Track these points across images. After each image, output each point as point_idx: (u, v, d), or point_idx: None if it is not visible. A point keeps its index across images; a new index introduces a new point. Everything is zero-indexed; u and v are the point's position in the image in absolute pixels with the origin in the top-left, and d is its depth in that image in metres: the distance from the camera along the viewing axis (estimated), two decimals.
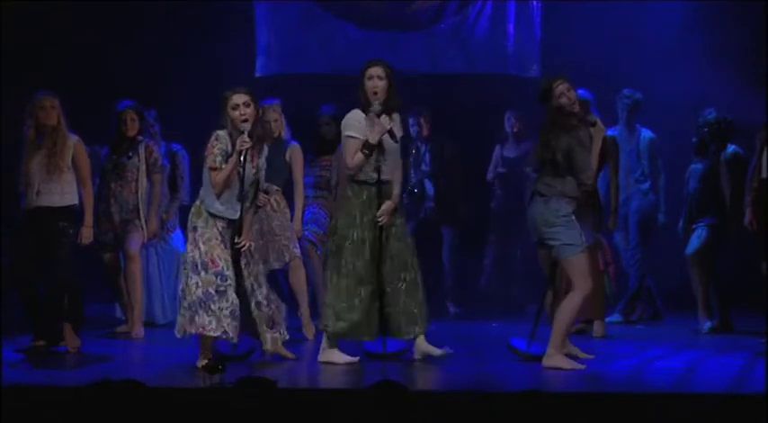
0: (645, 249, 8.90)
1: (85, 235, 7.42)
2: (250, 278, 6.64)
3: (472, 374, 6.45)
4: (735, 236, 8.28)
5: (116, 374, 5.61)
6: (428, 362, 6.80)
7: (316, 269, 8.23)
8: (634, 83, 9.00)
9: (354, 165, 6.72)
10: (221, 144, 6.51)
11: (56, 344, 7.26)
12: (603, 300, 8.06)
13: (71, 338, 7.24)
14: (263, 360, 6.75)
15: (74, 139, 7.34)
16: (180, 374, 6.36)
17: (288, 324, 6.93)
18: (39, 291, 7.28)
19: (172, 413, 5.00)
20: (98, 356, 7.06)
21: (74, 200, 7.33)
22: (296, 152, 8.03)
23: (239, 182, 6.48)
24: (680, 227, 8.65)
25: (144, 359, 7.44)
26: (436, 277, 9.78)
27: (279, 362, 6.78)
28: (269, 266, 7.74)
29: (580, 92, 6.92)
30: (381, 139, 6.68)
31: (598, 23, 9.77)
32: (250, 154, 6.51)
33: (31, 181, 7.24)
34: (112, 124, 8.15)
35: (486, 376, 6.39)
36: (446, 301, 9.76)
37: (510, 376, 6.35)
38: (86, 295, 7.61)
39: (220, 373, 6.16)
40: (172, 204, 8.71)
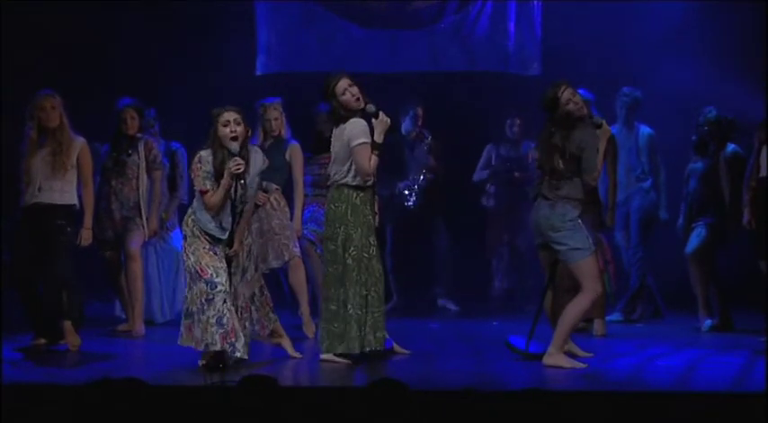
0: (646, 248, 8.89)
1: (85, 237, 7.42)
2: (234, 285, 6.55)
3: (472, 373, 6.45)
4: (734, 235, 8.28)
5: (116, 373, 5.61)
6: (428, 360, 6.80)
7: (315, 268, 8.21)
8: (633, 81, 9.00)
9: (373, 170, 6.71)
10: (205, 167, 6.47)
11: (56, 342, 7.25)
12: (604, 298, 8.02)
13: (71, 337, 7.23)
14: (264, 359, 6.76)
15: (80, 141, 7.34)
16: (181, 373, 6.35)
17: (288, 323, 6.92)
18: (38, 289, 7.26)
19: (173, 412, 4.99)
20: (98, 355, 7.06)
21: (73, 200, 7.32)
22: (296, 151, 8.02)
23: (230, 200, 6.44)
24: (680, 225, 8.65)
25: (144, 357, 7.43)
26: (433, 275, 9.79)
27: (280, 360, 6.79)
28: (268, 265, 7.74)
29: (581, 92, 6.91)
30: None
31: (598, 22, 9.76)
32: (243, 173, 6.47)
33: (33, 178, 7.23)
34: (112, 122, 8.16)
35: (486, 375, 6.38)
36: (445, 300, 9.74)
37: (510, 375, 6.34)
38: (87, 294, 7.61)
39: (221, 372, 6.18)
40: (171, 203, 8.69)
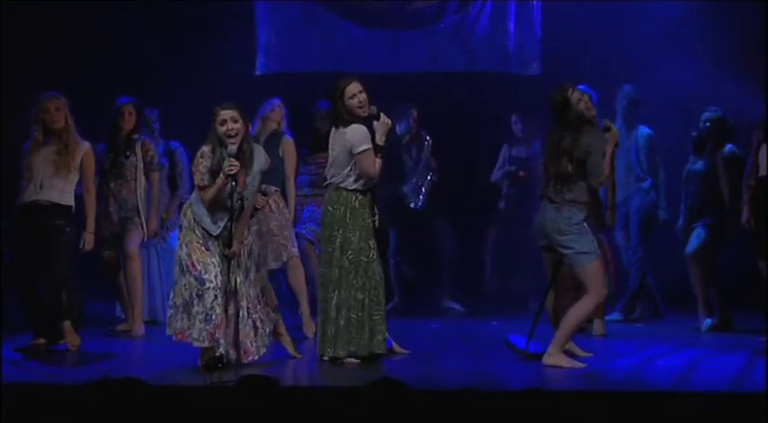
0: (645, 248, 8.88)
1: (88, 241, 7.41)
2: (237, 285, 6.51)
3: (472, 373, 6.45)
4: (734, 235, 8.27)
5: (116, 373, 5.61)
6: (428, 360, 6.80)
7: (314, 268, 8.20)
8: (633, 81, 8.99)
9: (378, 173, 6.72)
10: (205, 162, 6.46)
11: (55, 342, 7.25)
12: (604, 298, 8.03)
13: (71, 337, 7.23)
14: (264, 359, 6.75)
15: (85, 145, 7.35)
16: (180, 373, 6.34)
17: (288, 323, 6.91)
18: (38, 289, 7.26)
19: (172, 412, 4.99)
20: (98, 355, 7.06)
21: (71, 202, 7.31)
22: (288, 146, 7.98)
23: (227, 199, 6.41)
24: (679, 226, 8.65)
25: (144, 357, 7.44)
26: (435, 276, 9.78)
27: (280, 360, 6.78)
28: (267, 267, 7.73)
29: (583, 87, 6.90)
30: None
31: (597, 21, 9.76)
32: (241, 172, 6.44)
33: (34, 175, 7.23)
34: (110, 120, 8.13)
35: (485, 375, 6.38)
36: (446, 300, 9.74)
37: (510, 375, 6.34)
38: (86, 293, 7.61)
39: (220, 372, 6.17)
40: (171, 203, 8.68)
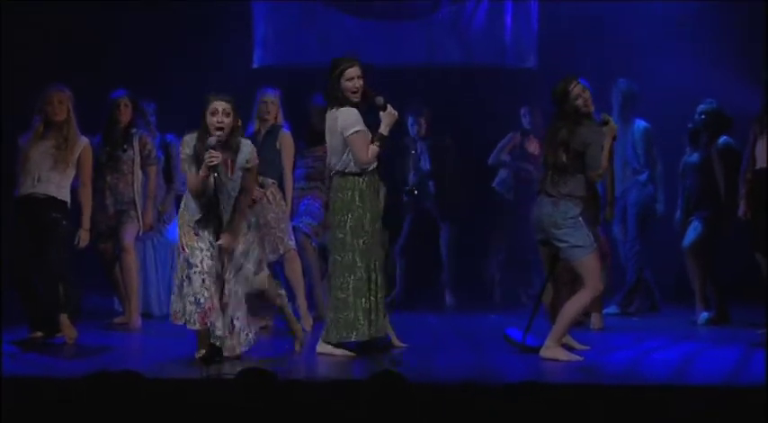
0: (643, 241, 8.88)
1: (83, 237, 7.41)
2: (230, 278, 6.51)
3: (470, 366, 6.45)
4: (730, 227, 8.27)
5: (113, 365, 5.61)
6: (427, 353, 6.81)
7: (311, 261, 8.22)
8: (629, 74, 8.99)
9: (372, 158, 6.71)
10: (187, 149, 6.44)
11: (53, 335, 7.25)
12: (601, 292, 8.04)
13: (68, 330, 7.23)
14: (262, 352, 6.75)
15: (84, 141, 7.35)
16: (177, 366, 6.35)
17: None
18: (34, 283, 7.26)
19: (170, 404, 4.99)
20: (95, 348, 7.06)
21: (67, 197, 7.31)
22: (286, 139, 7.98)
23: (210, 189, 6.39)
24: (677, 220, 8.65)
25: (141, 350, 7.43)
26: (435, 272, 9.77)
27: (278, 354, 6.78)
28: (265, 260, 7.72)
29: (582, 81, 6.90)
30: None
31: (594, 15, 9.75)
32: (228, 166, 6.40)
33: (31, 168, 7.22)
34: (105, 112, 8.12)
35: (483, 368, 6.39)
36: (444, 294, 9.73)
37: (507, 368, 6.35)
38: (83, 287, 7.60)
39: (217, 364, 6.18)
40: (168, 196, 8.68)
